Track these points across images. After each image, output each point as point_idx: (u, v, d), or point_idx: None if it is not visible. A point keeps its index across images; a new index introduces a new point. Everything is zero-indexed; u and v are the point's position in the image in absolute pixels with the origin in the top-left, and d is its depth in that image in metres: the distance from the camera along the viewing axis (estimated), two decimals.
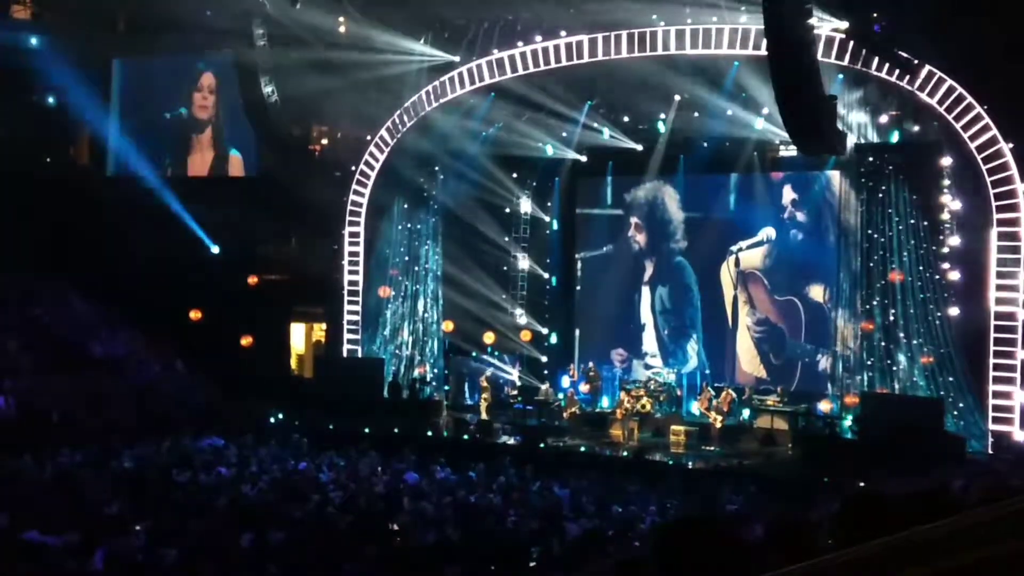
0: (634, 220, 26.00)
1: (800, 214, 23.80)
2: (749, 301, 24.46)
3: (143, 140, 28.38)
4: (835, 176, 23.13)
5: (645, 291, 25.84)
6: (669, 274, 25.61)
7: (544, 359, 26.45)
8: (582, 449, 21.21)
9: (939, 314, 20.42)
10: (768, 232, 24.15)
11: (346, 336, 26.01)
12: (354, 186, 25.61)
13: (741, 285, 24.51)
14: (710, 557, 2.93)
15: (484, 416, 23.02)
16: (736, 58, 21.10)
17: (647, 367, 25.20)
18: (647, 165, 25.08)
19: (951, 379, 20.18)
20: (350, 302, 26.00)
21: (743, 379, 24.02)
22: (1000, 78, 18.88)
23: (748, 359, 24.44)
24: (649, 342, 25.75)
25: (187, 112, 28.85)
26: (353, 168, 25.65)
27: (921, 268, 20.72)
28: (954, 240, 20.53)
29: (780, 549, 3.46)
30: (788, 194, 23.98)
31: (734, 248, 24.52)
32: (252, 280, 26.56)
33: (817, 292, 23.47)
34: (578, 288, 26.95)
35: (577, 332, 26.59)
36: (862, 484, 15.77)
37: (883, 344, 21.02)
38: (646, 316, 25.82)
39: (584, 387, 24.56)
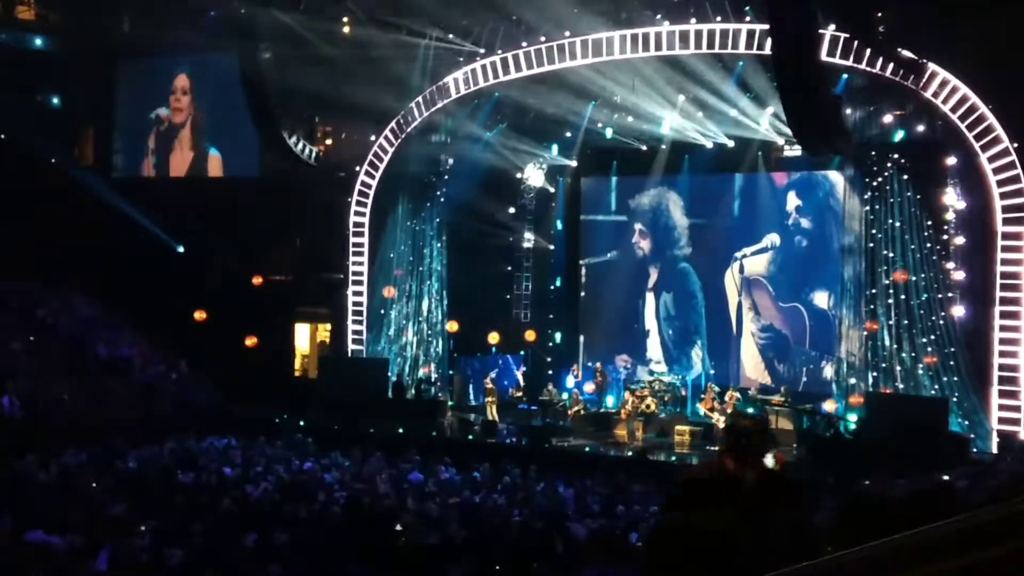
0: (638, 226, 25.97)
1: (804, 220, 23.76)
2: (753, 307, 24.43)
3: (136, 139, 28.61)
4: (839, 182, 23.08)
5: (649, 297, 25.81)
6: (673, 280, 25.58)
7: (548, 359, 26.44)
8: (587, 449, 21.20)
9: (944, 314, 20.38)
10: (772, 238, 24.13)
11: (350, 336, 25.98)
12: (358, 186, 25.58)
13: (745, 291, 24.48)
14: (704, 559, 2.93)
15: (491, 417, 22.99)
16: (741, 58, 21.08)
17: (651, 373, 25.15)
18: (651, 166, 25.06)
19: (956, 379, 20.13)
20: (354, 302, 25.97)
21: (748, 385, 23.94)
22: (1005, 77, 18.84)
23: (752, 365, 24.41)
24: (653, 348, 25.74)
25: (168, 112, 29.05)
26: (357, 168, 25.64)
27: (925, 268, 20.68)
28: (958, 240, 20.51)
29: (779, 550, 3.46)
30: (792, 200, 23.95)
31: (738, 254, 24.51)
32: (256, 280, 26.57)
33: (821, 298, 23.43)
34: (582, 294, 26.94)
35: (581, 338, 26.54)
36: (867, 483, 15.76)
37: (887, 344, 20.98)
38: (650, 322, 25.80)
39: (588, 387, 24.54)
